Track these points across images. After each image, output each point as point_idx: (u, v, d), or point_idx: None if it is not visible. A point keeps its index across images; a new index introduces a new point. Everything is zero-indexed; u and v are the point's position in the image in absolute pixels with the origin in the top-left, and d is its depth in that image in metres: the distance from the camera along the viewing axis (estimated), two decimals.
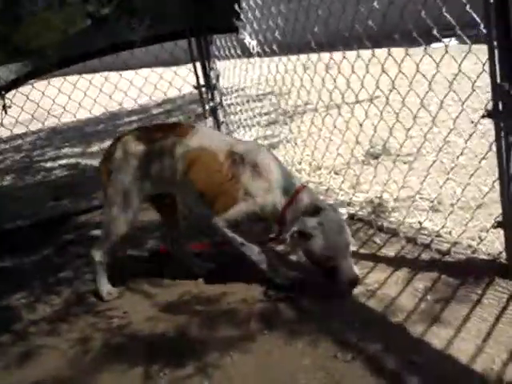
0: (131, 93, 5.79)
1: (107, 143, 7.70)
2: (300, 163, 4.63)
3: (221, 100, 5.46)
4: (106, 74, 6.03)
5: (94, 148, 7.71)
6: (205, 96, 5.48)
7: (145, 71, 5.86)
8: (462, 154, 3.25)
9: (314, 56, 4.21)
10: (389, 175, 3.67)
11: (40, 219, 4.97)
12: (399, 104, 3.43)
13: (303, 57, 4.44)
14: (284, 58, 4.74)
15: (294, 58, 4.60)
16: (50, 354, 2.94)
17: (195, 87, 5.47)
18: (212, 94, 5.45)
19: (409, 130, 3.41)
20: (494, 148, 2.66)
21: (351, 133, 3.97)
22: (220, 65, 5.50)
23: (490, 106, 2.60)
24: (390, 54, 3.31)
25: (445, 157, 3.84)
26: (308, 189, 3.08)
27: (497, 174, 2.68)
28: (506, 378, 2.20)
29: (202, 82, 5.42)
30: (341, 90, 3.88)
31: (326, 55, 4.06)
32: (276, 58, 4.79)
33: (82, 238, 4.47)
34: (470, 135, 3.12)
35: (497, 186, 2.71)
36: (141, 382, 2.60)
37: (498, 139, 2.59)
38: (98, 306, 3.35)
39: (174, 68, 5.66)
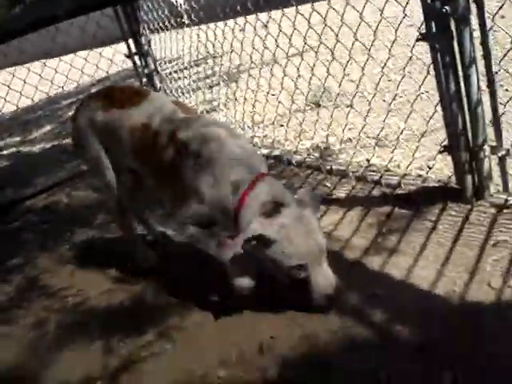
0: (72, 75, 5.62)
1: (47, 128, 7.58)
2: (243, 119, 4.53)
3: (155, 66, 5.31)
4: (43, 60, 5.84)
5: (34, 135, 7.48)
6: (139, 64, 5.34)
7: (83, 53, 5.66)
8: (400, 82, 3.18)
9: (251, 18, 4.09)
10: (332, 119, 3.61)
11: None
12: (343, 53, 3.37)
13: (240, 20, 4.32)
14: (220, 23, 4.61)
15: (230, 21, 4.47)
16: (8, 342, 2.83)
17: (127, 56, 5.31)
18: (145, 61, 5.30)
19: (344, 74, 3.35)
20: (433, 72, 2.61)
21: (292, 84, 3.88)
22: (156, 36, 5.35)
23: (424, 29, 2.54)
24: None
25: (387, 96, 3.81)
26: (268, 179, 2.40)
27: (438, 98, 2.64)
28: (469, 298, 2.19)
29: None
30: (279, 45, 3.80)
31: (263, 15, 3.97)
32: (212, 25, 4.66)
33: (29, 223, 4.33)
34: (409, 58, 3.04)
35: (439, 109, 2.67)
36: (102, 355, 2.52)
37: (434, 61, 2.54)
38: (51, 288, 3.23)
39: (114, 46, 5.50)
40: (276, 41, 3.77)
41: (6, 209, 4.73)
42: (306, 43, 3.50)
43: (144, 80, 5.40)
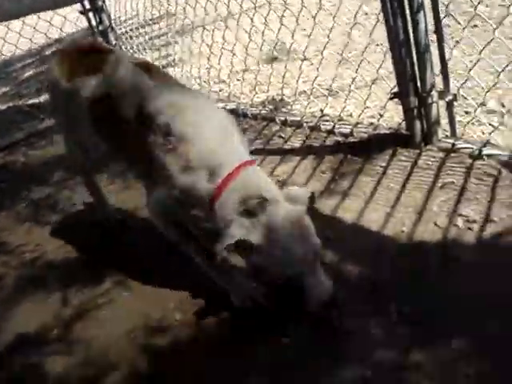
0: (27, 35, 5.48)
1: (2, 90, 7.39)
2: (199, 77, 4.51)
3: (110, 23, 5.22)
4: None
5: None
6: (93, 21, 5.25)
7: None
8: (355, 36, 3.21)
9: None
10: (286, 71, 3.62)
11: None
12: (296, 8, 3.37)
13: None
14: None
15: None
16: None
17: (81, 12, 5.21)
18: (100, 18, 5.20)
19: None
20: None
21: (246, 40, 3.87)
22: None
23: None
24: None
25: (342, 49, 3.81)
26: (251, 169, 1.99)
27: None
28: (416, 237, 2.26)
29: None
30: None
31: None
32: None
33: None
34: (359, 7, 3.06)
35: (389, 57, 2.71)
36: (59, 305, 2.54)
37: (383, 8, 2.56)
38: (9, 246, 3.21)
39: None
40: None
41: None
42: None
43: (99, 39, 5.32)
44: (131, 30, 5.76)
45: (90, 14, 5.24)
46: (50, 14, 5.35)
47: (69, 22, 5.47)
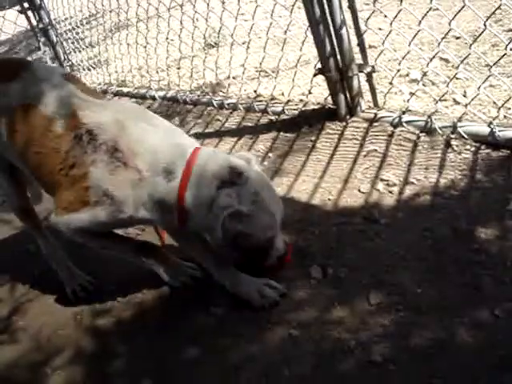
0: None
1: None
2: (130, 71, 4.59)
3: (50, 20, 5.22)
4: None
5: None
6: (33, 20, 5.26)
7: None
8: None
9: None
10: (218, 57, 3.71)
11: None
12: None
13: None
14: None
15: None
16: None
17: (19, 11, 5.21)
18: (39, 15, 5.21)
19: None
20: None
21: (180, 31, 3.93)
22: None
23: None
24: None
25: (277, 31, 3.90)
26: (206, 149, 1.99)
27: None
28: (341, 204, 2.39)
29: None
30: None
31: None
32: None
33: None
34: None
35: (310, 35, 2.81)
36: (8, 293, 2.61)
37: None
38: None
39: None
40: None
41: None
42: None
43: (41, 39, 5.33)
44: (69, 30, 5.73)
45: (29, 13, 5.25)
46: None
47: (8, 21, 5.46)
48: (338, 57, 2.75)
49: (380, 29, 3.47)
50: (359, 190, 2.42)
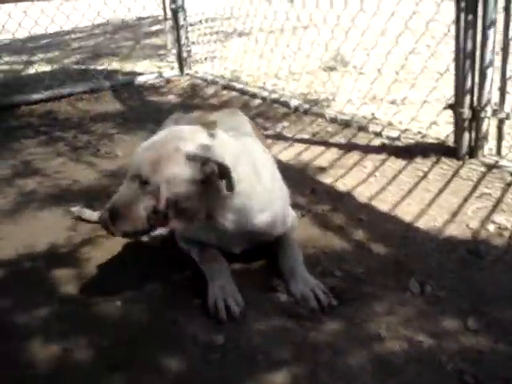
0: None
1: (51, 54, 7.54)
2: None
3: (183, 3, 5.36)
4: None
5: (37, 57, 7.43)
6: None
7: None
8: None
9: None
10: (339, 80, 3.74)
11: None
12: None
13: None
14: None
15: None
16: None
17: None
18: None
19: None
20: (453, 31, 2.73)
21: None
22: None
23: None
24: None
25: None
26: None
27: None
28: (446, 232, 2.32)
29: None
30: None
31: None
32: None
33: (25, 123, 4.41)
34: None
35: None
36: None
37: (457, 17, 2.66)
38: (44, 171, 3.35)
39: None
40: None
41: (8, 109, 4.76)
42: None
43: (169, 15, 5.50)
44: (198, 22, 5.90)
45: None
46: None
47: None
48: (475, 95, 2.71)
49: None
50: (467, 226, 2.35)
